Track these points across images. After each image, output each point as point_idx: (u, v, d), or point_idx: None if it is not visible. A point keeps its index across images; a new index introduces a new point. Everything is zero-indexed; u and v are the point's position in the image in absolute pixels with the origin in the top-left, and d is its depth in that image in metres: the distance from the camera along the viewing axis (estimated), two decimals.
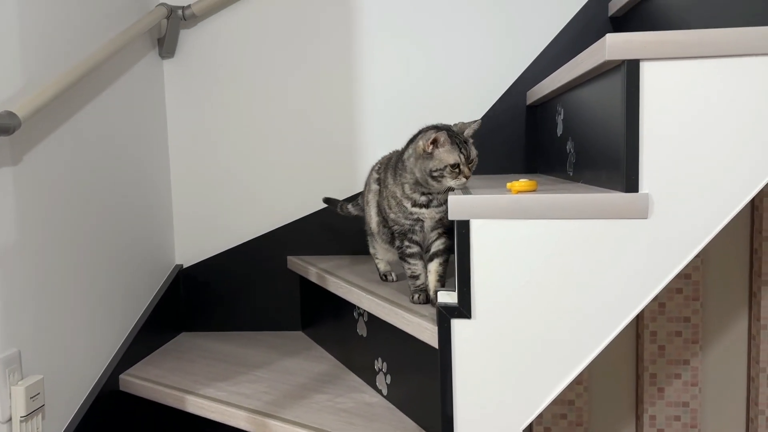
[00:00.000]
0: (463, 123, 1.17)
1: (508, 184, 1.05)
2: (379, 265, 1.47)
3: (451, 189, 1.11)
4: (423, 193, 1.17)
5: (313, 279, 1.63)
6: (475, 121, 1.17)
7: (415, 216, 1.18)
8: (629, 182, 0.95)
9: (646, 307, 1.63)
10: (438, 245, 1.20)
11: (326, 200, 1.63)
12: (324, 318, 1.69)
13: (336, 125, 1.81)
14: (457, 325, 1.00)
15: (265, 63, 1.80)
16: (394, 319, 1.21)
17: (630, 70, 0.92)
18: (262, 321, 1.85)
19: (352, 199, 1.62)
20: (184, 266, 1.87)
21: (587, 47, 1.05)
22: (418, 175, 1.14)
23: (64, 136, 1.35)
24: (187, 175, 1.85)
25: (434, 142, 1.10)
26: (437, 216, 1.18)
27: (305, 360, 1.60)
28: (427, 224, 1.19)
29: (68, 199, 1.37)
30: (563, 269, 0.98)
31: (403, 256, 1.23)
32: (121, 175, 1.60)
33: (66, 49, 1.36)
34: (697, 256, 1.61)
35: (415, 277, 1.23)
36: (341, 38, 1.78)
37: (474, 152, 1.13)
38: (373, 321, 1.38)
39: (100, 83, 1.51)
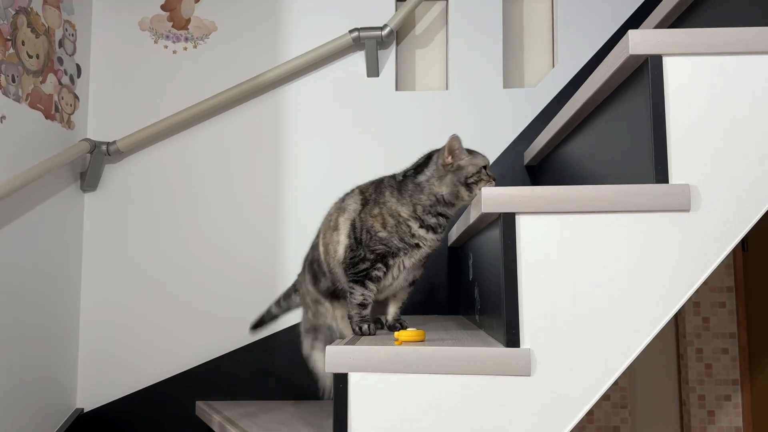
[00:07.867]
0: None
1: (396, 333, 1.01)
2: (318, 364, 1.33)
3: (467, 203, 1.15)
4: (437, 214, 1.14)
5: (216, 429, 1.50)
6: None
7: (416, 241, 1.14)
8: (510, 336, 0.91)
9: None
10: (406, 293, 1.23)
11: (254, 326, 1.54)
12: None
13: (256, 263, 1.77)
14: None
15: (185, 201, 1.79)
16: None
17: (506, 222, 0.92)
18: None
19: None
20: (85, 410, 1.72)
21: None
22: (446, 191, 1.12)
23: None
24: (98, 311, 1.76)
25: (451, 152, 1.12)
26: (435, 245, 1.16)
27: None
28: (419, 255, 1.15)
29: None
30: (447, 430, 0.91)
31: (363, 279, 1.14)
32: (22, 307, 1.51)
33: None
34: None
35: (365, 306, 1.14)
36: (266, 176, 1.79)
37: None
38: None
39: (12, 212, 1.47)
